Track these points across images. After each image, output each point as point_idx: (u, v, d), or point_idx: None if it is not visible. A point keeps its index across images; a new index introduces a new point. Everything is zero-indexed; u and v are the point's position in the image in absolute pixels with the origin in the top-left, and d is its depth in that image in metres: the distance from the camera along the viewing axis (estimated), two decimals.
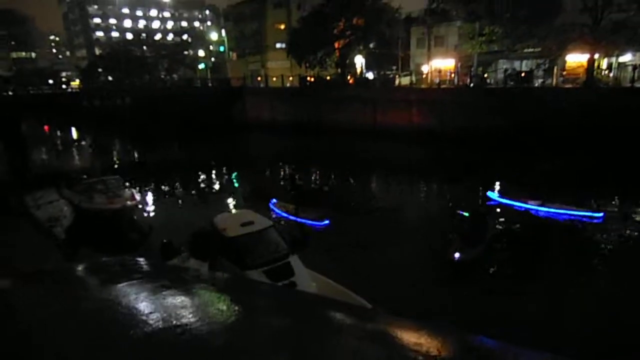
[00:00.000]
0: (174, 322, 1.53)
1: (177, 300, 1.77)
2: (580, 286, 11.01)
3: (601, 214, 14.62)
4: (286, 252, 9.24)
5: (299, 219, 15.47)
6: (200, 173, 26.83)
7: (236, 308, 1.76)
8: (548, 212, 15.19)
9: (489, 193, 17.46)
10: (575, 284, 11.08)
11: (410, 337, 1.56)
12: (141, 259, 2.68)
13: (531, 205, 15.60)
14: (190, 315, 1.57)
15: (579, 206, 14.99)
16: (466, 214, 13.48)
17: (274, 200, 17.26)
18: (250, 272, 8.49)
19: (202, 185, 24.94)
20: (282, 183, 17.70)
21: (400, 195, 21.79)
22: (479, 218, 13.21)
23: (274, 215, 16.08)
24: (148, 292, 1.90)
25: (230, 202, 20.57)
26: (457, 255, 11.74)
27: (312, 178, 25.41)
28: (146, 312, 1.62)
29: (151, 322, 1.52)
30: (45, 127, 61.85)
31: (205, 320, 1.56)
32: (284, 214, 16.20)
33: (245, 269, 8.62)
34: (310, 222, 15.22)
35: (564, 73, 32.59)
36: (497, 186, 18.91)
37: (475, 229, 12.62)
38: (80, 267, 2.77)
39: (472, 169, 23.06)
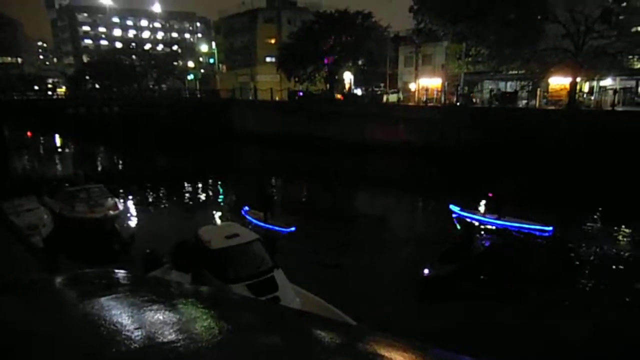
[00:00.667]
0: (159, 339, 1.48)
1: (162, 316, 1.72)
2: (543, 301, 11.21)
3: (550, 228, 15.46)
4: (270, 266, 9.15)
5: (266, 225, 16.11)
6: (185, 183, 26.57)
7: (222, 325, 1.72)
8: (503, 224, 16.02)
9: (451, 206, 17.95)
10: (538, 300, 11.26)
11: (400, 357, 1.54)
12: (123, 272, 2.61)
13: (488, 219, 16.47)
14: (176, 333, 1.52)
15: (531, 220, 15.75)
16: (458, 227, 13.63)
17: (246, 208, 17.82)
18: (233, 286, 8.37)
19: (187, 195, 24.68)
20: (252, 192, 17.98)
21: (376, 207, 22.04)
22: (467, 236, 13.33)
23: (250, 226, 15.87)
24: (131, 307, 1.84)
25: (214, 213, 20.35)
26: (426, 271, 11.77)
27: (290, 188, 26.20)
28: (130, 328, 1.57)
29: (135, 338, 1.47)
30: (28, 133, 60.72)
31: (191, 338, 1.51)
32: (254, 221, 16.72)
33: (228, 283, 8.50)
34: (277, 228, 15.87)
35: (547, 95, 33.46)
36: (464, 200, 19.01)
37: (456, 246, 12.71)
38: (59, 279, 2.68)
39: (451, 184, 23.41)
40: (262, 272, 8.96)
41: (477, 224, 16.73)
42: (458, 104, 35.31)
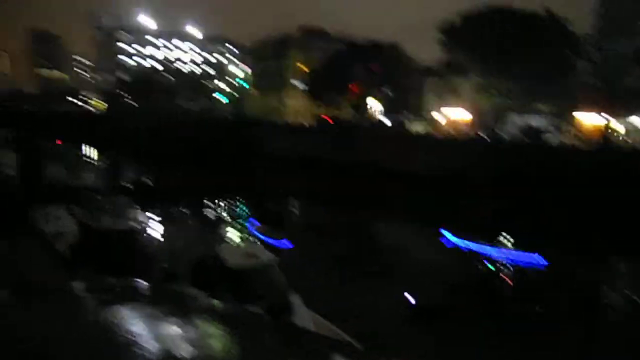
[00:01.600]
0: (175, 353, 1.46)
1: (180, 330, 1.70)
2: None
3: (544, 262, 15.10)
4: (287, 290, 9.03)
5: (264, 237, 17.63)
6: (210, 200, 26.90)
7: (238, 343, 1.69)
8: (494, 253, 15.91)
9: (444, 232, 17.85)
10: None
11: None
12: (143, 282, 2.62)
13: (480, 245, 16.24)
14: (192, 348, 1.50)
15: (521, 250, 15.71)
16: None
17: (252, 220, 19.79)
18: (248, 308, 8.28)
19: (211, 212, 24.92)
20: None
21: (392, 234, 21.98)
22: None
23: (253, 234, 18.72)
24: (149, 318, 1.84)
25: (236, 231, 20.43)
26: (411, 300, 11.95)
27: (307, 209, 27.36)
28: (146, 339, 1.56)
29: (151, 351, 1.45)
30: (58, 141, 63.02)
31: (207, 355, 1.49)
32: (257, 233, 18.67)
33: (244, 304, 8.42)
34: (272, 240, 17.11)
35: (578, 132, 32.80)
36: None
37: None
38: (80, 286, 2.72)
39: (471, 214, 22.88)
40: (279, 296, 8.85)
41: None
42: (486, 137, 34.93)
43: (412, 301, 11.86)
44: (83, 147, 60.20)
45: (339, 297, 12.20)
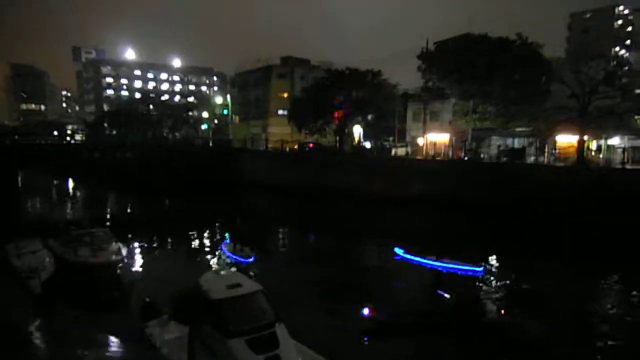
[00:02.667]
0: None
1: None
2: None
3: (481, 269, 16.92)
4: (272, 320, 8.71)
5: (232, 255, 19.27)
6: (192, 229, 26.45)
7: None
8: (440, 266, 17.23)
9: (396, 249, 19.14)
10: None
11: None
12: (113, 341, 2.45)
13: (428, 261, 17.63)
14: None
15: (465, 261, 17.10)
16: (447, 296, 13.99)
17: (227, 241, 20.83)
18: (231, 341, 7.97)
19: (193, 241, 24.46)
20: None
21: (363, 255, 22.85)
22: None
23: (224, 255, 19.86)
24: None
25: (218, 260, 20.03)
26: (365, 311, 12.51)
27: (289, 234, 27.97)
28: None
29: None
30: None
31: None
32: (226, 251, 19.93)
33: (227, 337, 8.10)
34: (240, 258, 18.83)
35: (556, 152, 33.61)
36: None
37: None
38: (37, 330, 2.55)
39: (448, 234, 23.48)
40: (264, 327, 8.50)
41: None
42: (466, 158, 35.50)
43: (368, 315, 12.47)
44: (63, 179, 59.14)
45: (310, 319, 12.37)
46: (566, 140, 32.28)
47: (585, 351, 11.57)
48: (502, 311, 14.47)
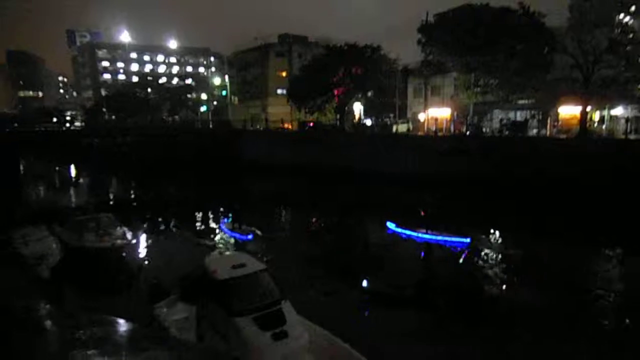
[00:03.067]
0: None
1: None
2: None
3: (468, 239, 17.65)
4: (278, 298, 8.81)
5: (232, 233, 20.24)
6: (195, 212, 26.59)
7: None
8: (429, 238, 18.25)
9: (387, 223, 20.09)
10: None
11: None
12: (122, 321, 2.46)
13: (418, 233, 18.62)
14: None
15: (452, 233, 18.03)
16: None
17: (226, 220, 21.81)
18: (238, 319, 8.08)
19: (197, 224, 24.60)
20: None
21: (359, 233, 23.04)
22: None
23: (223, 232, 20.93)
24: None
25: (222, 241, 20.19)
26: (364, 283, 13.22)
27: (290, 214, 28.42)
28: None
29: None
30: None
31: None
32: (226, 229, 20.87)
33: (234, 315, 8.21)
34: (238, 235, 19.84)
35: (558, 124, 33.31)
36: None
37: None
38: (52, 320, 2.56)
39: (449, 211, 23.45)
40: (270, 304, 8.60)
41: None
42: (467, 133, 35.27)
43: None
44: (64, 165, 59.22)
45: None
46: (569, 112, 31.97)
47: (569, 320, 11.67)
48: (495, 281, 14.61)
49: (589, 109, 29.83)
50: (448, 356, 10.00)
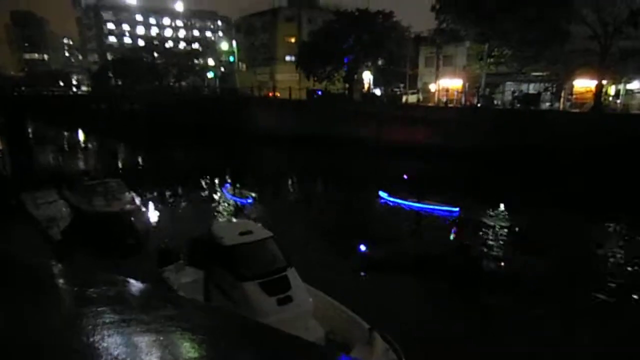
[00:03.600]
0: None
1: (152, 337, 1.61)
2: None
3: (457, 209, 18.31)
4: (284, 265, 9.00)
5: (233, 197, 21.52)
6: (202, 179, 26.81)
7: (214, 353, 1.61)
8: (420, 207, 19.10)
9: (380, 192, 21.06)
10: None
11: None
12: (133, 282, 2.51)
13: (410, 202, 19.47)
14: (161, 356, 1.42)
15: (442, 203, 18.77)
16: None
17: (227, 186, 23.23)
18: (245, 284, 8.27)
19: (204, 191, 24.85)
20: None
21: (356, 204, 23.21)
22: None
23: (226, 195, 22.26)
24: (124, 323, 1.74)
25: (229, 208, 20.42)
26: (362, 247, 13.55)
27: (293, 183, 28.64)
28: (114, 346, 1.47)
29: (116, 357, 1.37)
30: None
31: None
32: (227, 194, 22.26)
33: (240, 280, 8.41)
34: (239, 199, 21.12)
35: (572, 97, 32.58)
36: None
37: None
38: (65, 280, 2.62)
39: (462, 183, 23.86)
40: (275, 271, 8.80)
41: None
42: (479, 105, 34.66)
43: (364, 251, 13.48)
44: (72, 130, 59.44)
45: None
46: (584, 85, 31.17)
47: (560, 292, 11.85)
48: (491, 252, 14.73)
49: (604, 82, 29.05)
50: (433, 313, 10.42)
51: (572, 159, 23.18)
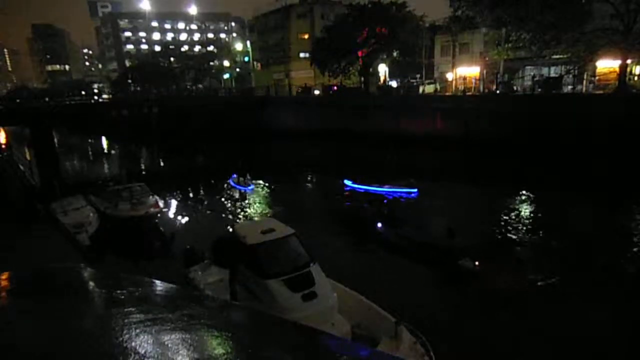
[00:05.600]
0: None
1: (180, 335, 1.64)
2: None
3: (415, 190, 20.11)
4: (307, 261, 9.03)
5: (236, 185, 24.37)
6: (224, 180, 27.08)
7: (240, 350, 1.63)
8: (382, 190, 20.64)
9: (345, 181, 22.71)
10: None
11: None
12: (159, 283, 2.57)
13: (372, 188, 21.07)
14: (190, 354, 1.45)
15: (401, 185, 20.48)
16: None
17: (234, 175, 25.07)
18: (270, 281, 8.35)
19: (226, 192, 25.15)
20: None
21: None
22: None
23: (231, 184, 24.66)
24: (152, 322, 1.78)
25: (253, 208, 20.62)
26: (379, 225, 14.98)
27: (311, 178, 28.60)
28: (143, 345, 1.51)
29: (144, 356, 1.40)
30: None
31: None
32: (232, 183, 24.70)
33: (265, 278, 8.49)
34: (241, 187, 23.93)
35: (595, 79, 31.53)
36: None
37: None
38: (94, 282, 2.69)
39: (483, 173, 23.83)
40: (299, 267, 8.84)
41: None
42: (498, 92, 33.92)
43: None
44: (95, 137, 60.99)
45: None
46: (607, 65, 30.11)
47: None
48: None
49: (628, 62, 27.99)
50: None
51: (596, 143, 22.49)
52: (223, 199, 22.99)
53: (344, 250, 14.14)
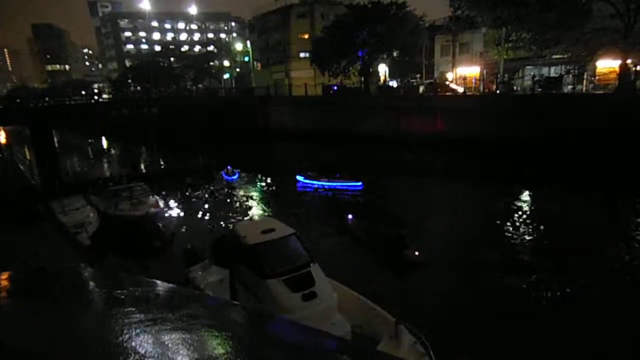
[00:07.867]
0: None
1: (180, 335, 1.64)
2: None
3: (360, 183, 21.66)
4: (307, 261, 9.01)
5: (225, 176, 26.28)
6: (219, 177, 27.24)
7: (240, 349, 1.62)
8: (331, 184, 22.31)
9: (297, 177, 23.88)
10: None
11: None
12: (159, 282, 2.57)
13: (322, 182, 22.61)
14: (190, 354, 1.45)
15: (347, 179, 21.99)
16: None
17: (229, 167, 26.72)
18: (269, 281, 8.35)
19: (226, 191, 25.14)
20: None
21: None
22: None
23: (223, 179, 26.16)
24: (152, 321, 1.78)
25: (253, 208, 20.61)
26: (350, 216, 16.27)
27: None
28: (143, 344, 1.51)
29: (144, 356, 1.40)
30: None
31: None
32: (223, 174, 26.56)
33: (264, 278, 8.48)
34: (228, 177, 26.11)
35: (595, 79, 31.52)
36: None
37: None
38: (93, 282, 2.70)
39: (480, 171, 24.09)
40: (299, 267, 8.81)
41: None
42: (498, 92, 33.92)
43: None
44: (95, 137, 60.99)
45: None
46: (607, 65, 30.10)
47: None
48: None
49: (629, 62, 27.98)
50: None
51: (595, 143, 22.48)
52: (217, 194, 23.51)
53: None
